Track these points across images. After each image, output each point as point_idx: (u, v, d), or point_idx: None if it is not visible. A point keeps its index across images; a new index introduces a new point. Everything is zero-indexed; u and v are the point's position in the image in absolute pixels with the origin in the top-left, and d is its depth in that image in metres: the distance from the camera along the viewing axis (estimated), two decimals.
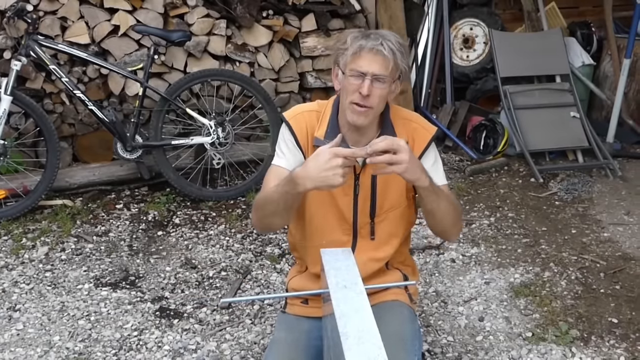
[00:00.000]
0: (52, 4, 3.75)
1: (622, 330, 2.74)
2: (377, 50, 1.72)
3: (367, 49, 1.72)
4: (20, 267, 3.23)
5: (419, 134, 1.89)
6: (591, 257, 3.32)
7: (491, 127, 4.63)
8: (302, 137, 1.88)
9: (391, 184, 1.89)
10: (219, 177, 4.10)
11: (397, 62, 1.74)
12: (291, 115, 1.93)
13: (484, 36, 4.99)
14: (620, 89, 4.58)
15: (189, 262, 3.30)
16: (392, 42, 1.74)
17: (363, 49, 1.72)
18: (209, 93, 4.06)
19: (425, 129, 1.91)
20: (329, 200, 1.90)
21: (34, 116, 3.66)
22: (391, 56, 1.73)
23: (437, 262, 3.28)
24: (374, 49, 1.72)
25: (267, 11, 4.12)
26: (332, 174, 1.61)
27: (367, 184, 1.88)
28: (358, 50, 1.73)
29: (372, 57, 1.72)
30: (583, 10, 5.35)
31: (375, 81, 1.73)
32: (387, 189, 1.90)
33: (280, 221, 1.88)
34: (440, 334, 2.73)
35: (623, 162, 4.54)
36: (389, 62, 1.73)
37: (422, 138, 1.89)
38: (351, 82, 1.75)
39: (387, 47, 1.72)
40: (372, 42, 1.72)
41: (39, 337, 2.70)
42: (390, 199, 1.92)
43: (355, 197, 1.90)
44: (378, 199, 1.90)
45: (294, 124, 1.90)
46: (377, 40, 1.72)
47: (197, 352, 2.61)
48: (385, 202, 1.91)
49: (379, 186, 1.89)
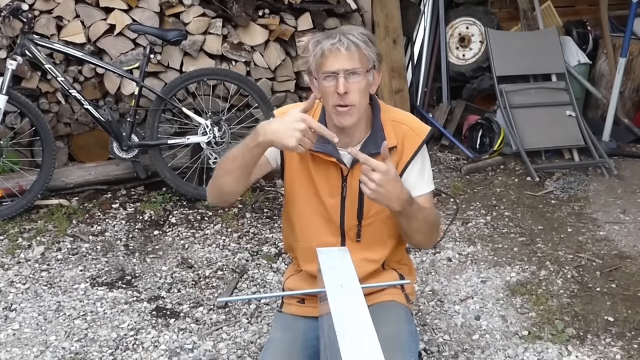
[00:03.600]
0: (47, 3, 3.75)
1: (618, 328, 2.75)
2: (337, 48, 1.70)
3: (328, 49, 1.71)
4: (16, 267, 3.23)
5: (408, 138, 1.87)
6: (587, 255, 3.32)
7: (487, 126, 4.64)
8: None
9: None
10: None
11: (363, 52, 1.73)
12: (281, 111, 1.90)
13: (479, 35, 4.99)
14: (616, 88, 4.59)
15: (185, 262, 3.29)
16: (352, 34, 1.73)
17: (324, 50, 1.71)
18: (205, 92, 4.06)
19: (416, 133, 1.88)
20: (315, 201, 1.90)
21: (30, 115, 3.65)
22: (354, 48, 1.72)
23: (433, 261, 3.28)
24: (334, 47, 1.70)
25: (263, 10, 4.12)
26: (290, 134, 1.62)
27: (355, 187, 1.83)
28: (320, 52, 1.72)
29: (336, 55, 1.71)
30: (579, 9, 5.35)
31: (349, 76, 1.71)
32: None
33: (233, 184, 1.81)
34: (436, 332, 2.73)
35: (619, 160, 4.54)
36: (354, 54, 1.71)
37: (412, 142, 1.86)
38: (326, 86, 1.74)
39: (347, 40, 1.71)
40: (331, 41, 1.71)
41: (35, 337, 2.70)
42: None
43: (343, 199, 1.89)
44: (365, 202, 1.87)
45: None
46: (335, 38, 1.71)
47: (193, 352, 2.61)
48: (373, 206, 1.85)
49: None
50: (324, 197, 1.89)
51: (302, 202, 1.91)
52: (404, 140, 1.86)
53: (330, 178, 1.87)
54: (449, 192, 4.05)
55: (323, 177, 1.87)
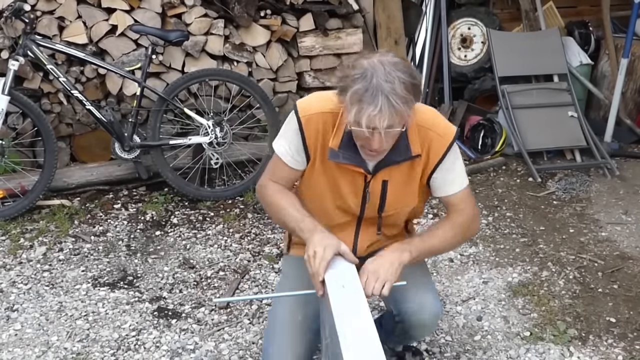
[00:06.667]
0: (49, 4, 3.75)
1: (620, 329, 2.75)
2: (375, 115, 1.59)
3: (366, 117, 1.60)
4: (18, 267, 3.23)
5: (435, 144, 1.87)
6: (589, 256, 3.32)
7: (489, 127, 4.64)
8: (311, 141, 1.88)
9: (405, 189, 1.92)
10: (217, 177, 4.10)
11: (404, 114, 1.64)
12: (306, 113, 1.87)
13: (481, 36, 4.99)
14: (618, 89, 4.59)
15: (187, 262, 3.29)
16: (395, 93, 1.60)
17: (362, 115, 1.60)
18: (206, 93, 4.06)
19: (442, 137, 1.87)
20: (335, 196, 1.95)
21: (32, 116, 3.65)
22: (393, 112, 1.60)
23: (435, 261, 3.28)
24: (374, 117, 1.60)
25: (265, 11, 4.11)
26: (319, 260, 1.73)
27: (377, 191, 1.91)
28: (358, 113, 1.61)
29: (373, 120, 1.60)
30: (581, 10, 5.35)
31: (385, 132, 1.64)
32: (399, 194, 1.93)
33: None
34: (438, 333, 2.73)
35: (621, 161, 4.54)
36: (394, 117, 1.62)
37: (439, 147, 1.87)
38: (357, 132, 1.69)
39: (388, 110, 1.59)
40: (371, 110, 1.59)
41: (37, 337, 2.70)
42: (402, 201, 1.96)
43: (364, 199, 1.94)
44: (387, 201, 1.93)
45: (306, 125, 1.87)
46: (377, 106, 1.59)
47: (195, 352, 2.61)
48: (396, 204, 1.95)
49: (390, 192, 1.92)
50: (346, 195, 1.94)
51: (321, 189, 1.95)
52: (430, 147, 1.87)
53: (355, 181, 1.92)
54: None
55: (347, 181, 1.92)
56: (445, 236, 1.93)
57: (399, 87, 1.60)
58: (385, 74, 1.61)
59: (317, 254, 1.74)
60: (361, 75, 1.62)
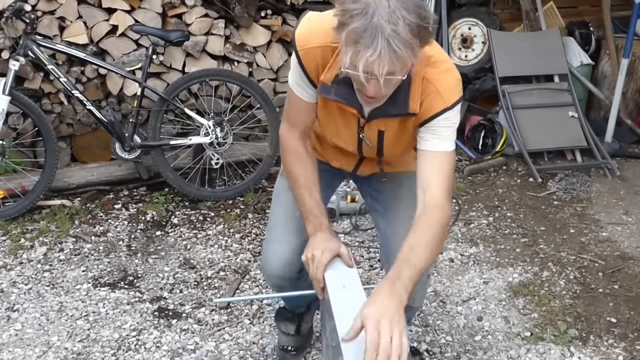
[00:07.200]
0: (50, 4, 3.75)
1: (621, 329, 2.75)
2: (374, 61, 1.42)
3: (363, 61, 1.43)
4: (18, 267, 3.23)
5: (430, 100, 1.69)
6: (590, 256, 3.32)
7: (490, 127, 4.63)
8: (312, 74, 1.77)
9: (401, 138, 1.87)
10: (218, 177, 4.10)
11: (406, 59, 1.45)
12: (304, 46, 1.75)
13: (482, 36, 4.99)
14: (619, 89, 4.58)
15: (188, 262, 3.30)
16: (398, 34, 1.41)
17: (359, 59, 1.43)
18: (207, 93, 4.06)
19: (442, 97, 1.68)
20: (335, 130, 1.92)
21: (32, 116, 3.65)
22: (394, 57, 1.42)
23: (435, 261, 3.28)
24: (373, 62, 1.42)
25: (266, 11, 4.12)
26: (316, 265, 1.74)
27: (373, 139, 1.86)
28: (354, 56, 1.44)
29: (370, 65, 1.43)
30: (581, 10, 5.34)
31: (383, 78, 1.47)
32: (396, 142, 1.88)
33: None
34: (438, 333, 2.73)
35: (621, 161, 4.54)
36: (394, 63, 1.44)
37: (434, 106, 1.69)
38: (353, 75, 1.51)
39: (389, 54, 1.41)
40: (369, 53, 1.41)
41: (38, 338, 2.70)
42: (400, 147, 1.93)
43: (360, 145, 1.91)
44: (385, 148, 1.89)
45: (305, 57, 1.75)
46: (376, 50, 1.41)
47: (195, 352, 2.62)
48: (394, 150, 1.92)
49: (386, 141, 1.86)
50: (343, 135, 1.90)
51: (322, 123, 1.92)
52: (425, 101, 1.69)
53: (349, 123, 1.85)
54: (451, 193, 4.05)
55: (343, 120, 1.85)
56: (431, 249, 1.64)
57: (402, 29, 1.41)
58: (389, 13, 1.40)
59: (315, 258, 1.74)
60: (361, 11, 1.41)
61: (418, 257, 1.58)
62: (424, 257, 1.60)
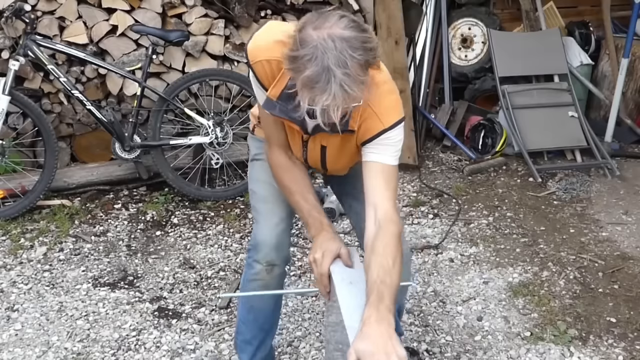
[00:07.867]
0: (50, 4, 3.75)
1: (621, 329, 2.74)
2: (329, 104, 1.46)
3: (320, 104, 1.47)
4: (18, 267, 3.23)
5: (369, 123, 1.74)
6: (589, 256, 3.32)
7: (489, 127, 4.64)
8: (266, 83, 1.79)
9: (343, 152, 1.91)
10: (218, 177, 4.10)
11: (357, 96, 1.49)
12: (254, 59, 1.77)
13: (482, 36, 4.99)
14: (619, 89, 4.59)
15: (188, 262, 3.30)
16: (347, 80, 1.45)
17: (316, 103, 1.48)
18: (207, 93, 4.06)
19: (380, 119, 1.74)
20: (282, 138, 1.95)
21: (32, 116, 3.65)
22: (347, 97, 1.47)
23: (435, 261, 3.28)
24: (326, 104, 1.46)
25: (265, 11, 4.12)
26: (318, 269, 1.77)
27: (316, 152, 1.93)
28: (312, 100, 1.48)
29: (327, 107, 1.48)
30: (581, 10, 5.35)
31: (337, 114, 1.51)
32: (339, 156, 1.93)
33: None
34: (438, 333, 2.73)
35: (621, 161, 4.54)
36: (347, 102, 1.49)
37: (371, 128, 1.74)
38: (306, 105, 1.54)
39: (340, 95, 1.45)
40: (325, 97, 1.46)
41: (37, 338, 2.70)
42: (343, 161, 1.98)
43: (305, 155, 1.96)
44: (328, 161, 1.95)
45: (257, 69, 1.78)
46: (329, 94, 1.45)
47: (195, 352, 2.62)
48: (337, 163, 1.98)
49: (329, 155, 1.92)
50: (290, 144, 1.95)
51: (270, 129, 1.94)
52: (362, 123, 1.75)
53: (294, 136, 1.92)
54: (451, 193, 4.05)
55: (289, 132, 1.91)
56: (399, 263, 1.68)
57: (352, 70, 1.45)
58: (337, 55, 1.44)
59: (317, 262, 1.77)
60: (312, 57, 1.45)
61: (391, 276, 1.61)
62: (396, 274, 1.63)
